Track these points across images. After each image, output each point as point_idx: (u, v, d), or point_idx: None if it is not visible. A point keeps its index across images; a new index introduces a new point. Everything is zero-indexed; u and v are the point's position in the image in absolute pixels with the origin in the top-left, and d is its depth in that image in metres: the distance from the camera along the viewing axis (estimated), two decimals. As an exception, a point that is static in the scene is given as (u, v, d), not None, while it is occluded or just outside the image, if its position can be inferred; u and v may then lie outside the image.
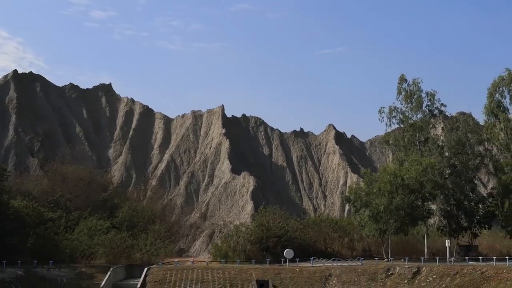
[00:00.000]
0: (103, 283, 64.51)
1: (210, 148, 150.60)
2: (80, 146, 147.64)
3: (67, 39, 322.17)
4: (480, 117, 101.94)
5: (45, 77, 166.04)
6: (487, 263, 71.36)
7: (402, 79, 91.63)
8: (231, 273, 68.62)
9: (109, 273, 66.72)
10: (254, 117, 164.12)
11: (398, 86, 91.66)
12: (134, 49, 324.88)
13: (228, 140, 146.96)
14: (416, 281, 66.85)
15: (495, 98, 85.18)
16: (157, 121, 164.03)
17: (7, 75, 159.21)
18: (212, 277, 67.68)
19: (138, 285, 65.71)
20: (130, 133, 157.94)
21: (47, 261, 70.35)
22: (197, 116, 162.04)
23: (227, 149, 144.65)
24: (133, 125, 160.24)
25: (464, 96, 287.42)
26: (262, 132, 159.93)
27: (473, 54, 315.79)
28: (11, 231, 74.09)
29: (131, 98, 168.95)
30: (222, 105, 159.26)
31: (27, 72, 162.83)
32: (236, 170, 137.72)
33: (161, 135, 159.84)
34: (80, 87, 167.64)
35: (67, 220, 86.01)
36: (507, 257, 73.58)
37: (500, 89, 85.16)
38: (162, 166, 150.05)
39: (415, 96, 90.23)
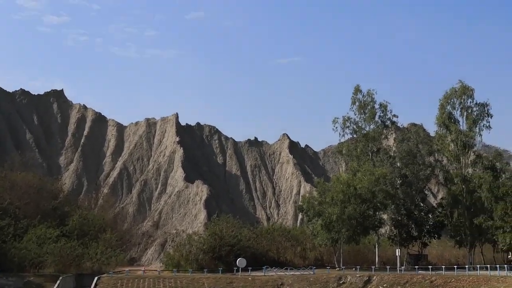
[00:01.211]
0: (52, 292, 63.52)
1: (163, 156, 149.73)
2: (30, 152, 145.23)
3: (19, 44, 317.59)
4: (431, 129, 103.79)
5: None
6: (436, 272, 72.37)
7: (357, 90, 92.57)
8: (183, 283, 68.19)
9: (58, 282, 65.58)
10: (209, 125, 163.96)
11: (352, 97, 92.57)
12: (88, 55, 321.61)
13: (182, 148, 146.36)
14: (367, 290, 67.52)
15: (446, 110, 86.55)
16: (110, 128, 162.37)
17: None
18: (164, 286, 67.12)
19: (88, 295, 64.88)
20: (82, 140, 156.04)
21: (-6, 270, 68.93)
22: (150, 123, 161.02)
23: (180, 157, 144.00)
24: (85, 132, 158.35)
25: (415, 108, 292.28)
26: (216, 141, 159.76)
27: (425, 66, 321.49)
28: (-43, 240, 72.40)
29: (84, 104, 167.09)
30: (176, 113, 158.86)
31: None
32: (189, 179, 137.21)
33: (113, 142, 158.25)
34: (31, 92, 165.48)
35: (15, 228, 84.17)
36: (455, 266, 74.89)
37: (452, 100, 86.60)
38: (115, 174, 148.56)
39: (369, 107, 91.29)
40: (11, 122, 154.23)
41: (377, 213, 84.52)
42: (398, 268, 78.45)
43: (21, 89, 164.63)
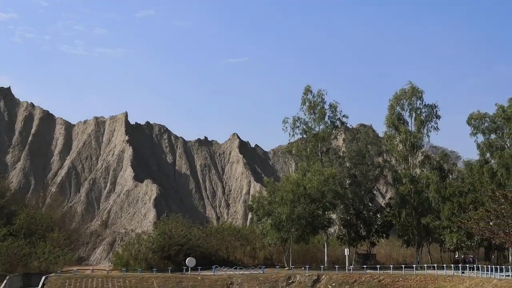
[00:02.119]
0: (-2, 292, 62.51)
1: (112, 155, 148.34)
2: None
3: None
4: (380, 129, 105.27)
5: None
6: (384, 271, 73.57)
7: (307, 90, 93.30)
8: (132, 282, 67.88)
9: (5, 281, 64.53)
10: (158, 124, 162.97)
11: (302, 97, 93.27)
12: (35, 53, 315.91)
13: (131, 147, 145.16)
14: (316, 289, 68.22)
15: (395, 111, 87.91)
16: (58, 127, 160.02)
17: None
18: (113, 285, 66.74)
19: (36, 294, 64.04)
20: (30, 138, 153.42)
21: None
22: (99, 122, 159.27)
23: (130, 156, 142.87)
24: (33, 130, 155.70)
25: (364, 109, 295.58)
26: (166, 140, 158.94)
27: (375, 67, 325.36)
28: None
29: (31, 102, 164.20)
30: (126, 112, 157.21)
31: None
32: (139, 178, 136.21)
33: (62, 141, 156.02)
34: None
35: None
36: (403, 266, 76.16)
37: (401, 101, 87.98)
38: (63, 172, 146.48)
39: (319, 107, 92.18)
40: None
41: (326, 212, 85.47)
42: (346, 268, 79.48)
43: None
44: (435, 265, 74.38)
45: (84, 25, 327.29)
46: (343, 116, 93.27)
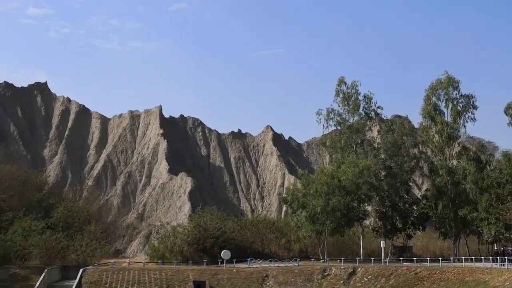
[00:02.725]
0: (37, 284, 63.46)
1: (147, 148, 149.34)
2: (14, 145, 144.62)
3: (2, 36, 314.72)
4: (415, 121, 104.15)
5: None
6: (421, 264, 73.01)
7: (341, 81, 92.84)
8: (168, 274, 68.29)
9: (43, 274, 65.56)
10: (192, 117, 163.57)
11: (336, 88, 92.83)
12: (71, 47, 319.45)
13: (165, 140, 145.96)
14: (352, 282, 67.90)
15: (432, 101, 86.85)
16: (94, 121, 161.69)
17: None
18: (149, 278, 67.19)
19: (74, 287, 64.84)
20: (66, 132, 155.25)
21: (-21, 262, 68.79)
22: (134, 116, 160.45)
23: (164, 150, 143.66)
24: (69, 125, 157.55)
25: (400, 100, 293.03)
26: (200, 133, 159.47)
27: (410, 58, 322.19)
28: None
29: (67, 97, 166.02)
30: (160, 105, 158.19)
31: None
32: (173, 171, 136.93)
33: (97, 135, 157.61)
34: (15, 85, 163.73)
35: (0, 220, 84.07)
36: (440, 258, 75.41)
37: (437, 92, 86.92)
38: (99, 166, 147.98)
39: (353, 99, 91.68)
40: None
41: (361, 205, 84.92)
42: (382, 260, 79.01)
43: (4, 81, 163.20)
44: (473, 257, 73.57)
45: (118, 19, 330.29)
46: (378, 107, 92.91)
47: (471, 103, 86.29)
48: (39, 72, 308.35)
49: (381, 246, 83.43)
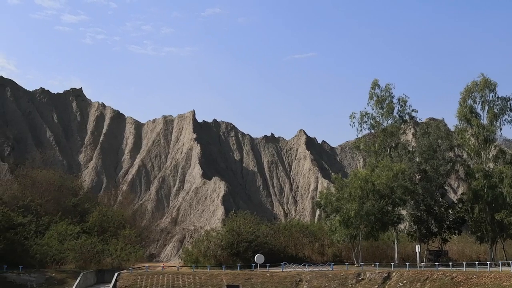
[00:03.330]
0: (73, 288, 64.04)
1: (181, 153, 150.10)
2: (50, 150, 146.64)
3: (38, 43, 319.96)
4: (451, 124, 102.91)
5: (16, 81, 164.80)
6: (457, 268, 71.96)
7: (375, 84, 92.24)
8: (201, 278, 68.39)
9: (79, 278, 66.18)
10: (225, 122, 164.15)
11: (370, 91, 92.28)
12: (106, 54, 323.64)
13: (199, 145, 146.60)
14: (387, 286, 67.18)
15: (467, 103, 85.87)
16: (128, 126, 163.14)
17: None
18: (183, 282, 67.39)
19: (108, 290, 65.32)
20: (101, 137, 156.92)
21: (17, 266, 69.62)
22: (168, 121, 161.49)
23: (198, 154, 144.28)
24: (104, 130, 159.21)
25: (435, 102, 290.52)
26: (233, 137, 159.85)
27: (445, 59, 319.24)
28: (-21, 236, 73.12)
29: (102, 102, 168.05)
30: (193, 110, 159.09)
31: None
32: (207, 175, 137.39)
33: (132, 140, 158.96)
34: (50, 91, 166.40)
35: (37, 225, 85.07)
36: (476, 263, 74.34)
37: (473, 94, 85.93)
38: (133, 171, 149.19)
39: (387, 102, 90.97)
40: (32, 120, 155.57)
41: (395, 209, 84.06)
42: (418, 265, 78.08)
43: (40, 88, 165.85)
44: (510, 262, 72.37)
45: (152, 25, 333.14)
46: (412, 110, 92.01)
47: (508, 106, 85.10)
48: (75, 78, 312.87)
49: (416, 250, 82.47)
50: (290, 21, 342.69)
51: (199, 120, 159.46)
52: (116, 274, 68.81)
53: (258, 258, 74.90)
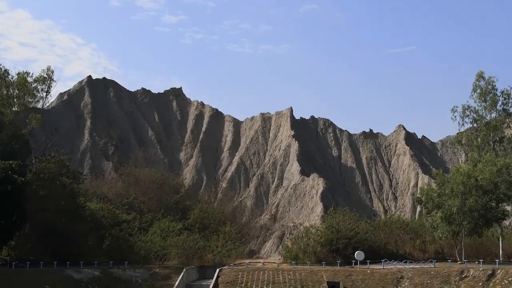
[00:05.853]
0: (176, 283, 65.73)
1: (279, 150, 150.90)
2: (152, 149, 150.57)
3: (139, 44, 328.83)
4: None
5: (118, 82, 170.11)
6: None
7: (480, 76, 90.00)
8: (302, 275, 68.76)
9: (182, 273, 67.85)
10: (323, 118, 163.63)
11: (474, 83, 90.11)
12: (204, 53, 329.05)
13: (297, 142, 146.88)
14: (491, 284, 65.51)
15: None
16: (227, 124, 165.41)
17: (82, 80, 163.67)
18: (283, 278, 67.95)
19: (211, 286, 66.58)
20: (201, 136, 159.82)
21: (122, 262, 71.97)
22: (265, 118, 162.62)
23: (296, 151, 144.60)
24: (203, 128, 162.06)
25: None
26: (331, 134, 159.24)
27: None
28: (87, 233, 76.20)
29: (201, 101, 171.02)
30: (291, 107, 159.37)
31: (100, 78, 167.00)
32: (305, 172, 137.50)
33: (230, 137, 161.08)
34: (151, 91, 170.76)
35: (140, 222, 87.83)
36: None
37: None
38: (232, 168, 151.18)
39: (490, 95, 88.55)
40: (134, 120, 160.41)
41: (500, 204, 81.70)
42: (524, 262, 75.78)
43: (142, 88, 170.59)
44: None
45: (249, 23, 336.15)
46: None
47: None
48: (174, 77, 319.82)
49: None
50: (387, 15, 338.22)
51: (297, 117, 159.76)
52: (217, 270, 70.11)
53: (358, 254, 74.58)
